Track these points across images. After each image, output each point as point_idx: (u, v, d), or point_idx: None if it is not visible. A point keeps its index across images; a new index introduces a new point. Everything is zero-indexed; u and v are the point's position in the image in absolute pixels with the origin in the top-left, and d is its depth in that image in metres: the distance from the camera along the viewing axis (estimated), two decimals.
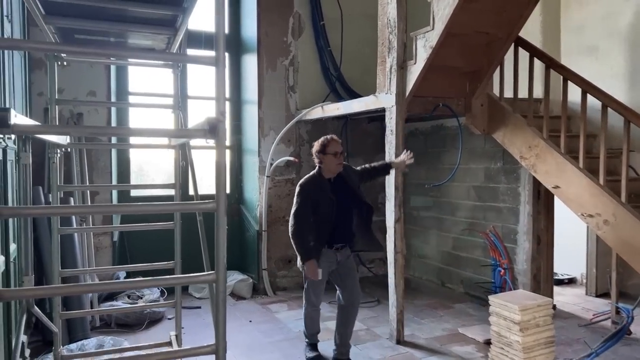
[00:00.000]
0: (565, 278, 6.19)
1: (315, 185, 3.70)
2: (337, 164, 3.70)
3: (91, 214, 3.19)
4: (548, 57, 4.21)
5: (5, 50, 3.13)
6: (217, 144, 1.73)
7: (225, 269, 1.78)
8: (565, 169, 3.90)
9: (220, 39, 1.72)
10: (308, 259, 3.60)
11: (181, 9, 2.16)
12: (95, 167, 5.32)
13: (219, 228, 1.75)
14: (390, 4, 4.23)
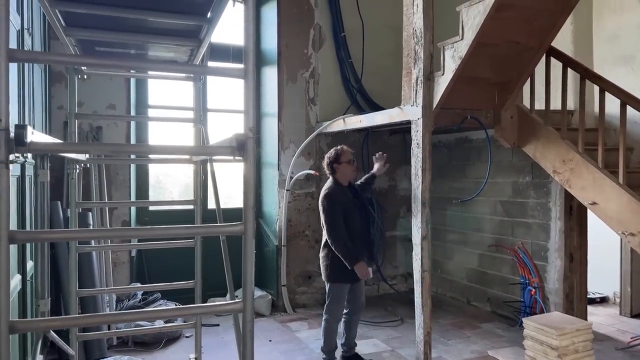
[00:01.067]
0: (597, 297, 5.93)
1: (339, 192, 3.94)
2: (353, 170, 4.07)
3: (109, 237, 3.08)
4: (583, 67, 4.03)
5: (25, 64, 3.06)
6: (245, 161, 1.60)
7: (253, 298, 1.64)
8: (603, 184, 3.69)
9: (249, 51, 1.59)
10: (357, 260, 3.77)
11: (206, 19, 2.06)
12: (114, 181, 5.25)
13: (247, 253, 1.61)
14: (416, 14, 4.09)
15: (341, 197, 3.91)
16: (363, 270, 3.79)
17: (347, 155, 4.03)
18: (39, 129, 3.94)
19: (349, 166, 4.01)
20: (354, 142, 6.22)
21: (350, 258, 3.78)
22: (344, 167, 4.00)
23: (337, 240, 3.80)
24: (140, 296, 5.05)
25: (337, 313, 4.01)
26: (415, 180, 4.15)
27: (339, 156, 4.01)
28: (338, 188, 3.97)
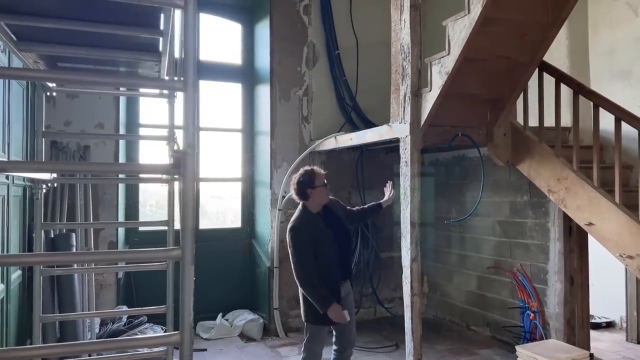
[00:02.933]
0: (603, 322, 5.67)
1: (308, 224, 3.41)
2: (327, 195, 3.54)
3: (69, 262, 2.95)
4: (576, 82, 3.89)
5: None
6: (183, 180, 1.48)
7: (191, 330, 1.49)
8: (599, 203, 3.51)
9: (189, 61, 1.49)
10: (329, 304, 3.29)
11: (159, 31, 1.96)
12: (101, 201, 5.16)
13: (185, 281, 1.48)
14: (403, 30, 4.00)
15: (310, 228, 3.40)
16: (336, 315, 3.30)
17: (321, 177, 3.49)
18: (18, 148, 3.86)
19: (324, 190, 3.47)
20: (348, 161, 6.10)
21: (321, 302, 3.29)
22: (319, 191, 3.45)
23: (304, 282, 3.34)
24: (126, 320, 4.91)
25: (316, 351, 3.54)
26: (404, 200, 4.01)
27: (312, 180, 3.44)
28: (307, 218, 3.44)
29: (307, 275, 3.32)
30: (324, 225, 3.45)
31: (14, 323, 3.65)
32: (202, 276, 5.84)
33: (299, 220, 3.44)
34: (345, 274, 3.52)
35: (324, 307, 3.29)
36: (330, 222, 3.51)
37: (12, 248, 3.59)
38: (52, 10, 1.95)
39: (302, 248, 3.35)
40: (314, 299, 3.31)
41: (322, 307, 3.29)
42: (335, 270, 3.42)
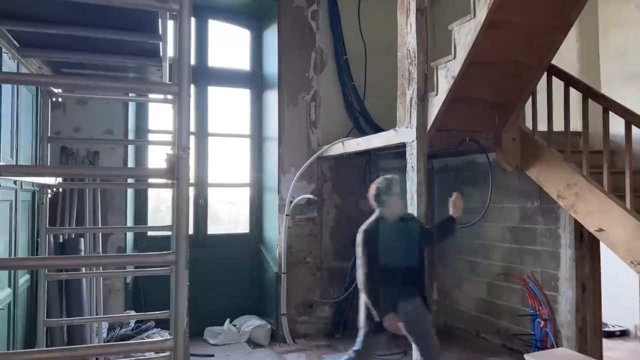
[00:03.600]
0: (617, 330, 5.55)
1: (380, 230, 3.40)
2: (403, 205, 3.53)
3: (63, 266, 2.94)
4: (585, 85, 3.83)
5: (2, 88, 3.03)
6: (177, 184, 1.47)
7: (184, 335, 1.48)
8: (609, 209, 3.44)
9: (183, 65, 1.49)
10: (387, 312, 3.27)
11: (158, 36, 1.97)
12: (110, 206, 5.19)
13: (178, 286, 1.47)
14: (409, 34, 3.99)
15: (381, 235, 3.38)
16: (393, 324, 3.27)
17: (397, 186, 3.48)
18: (27, 153, 3.91)
19: (399, 200, 3.48)
20: (356, 166, 6.08)
21: (380, 308, 3.28)
22: (394, 200, 3.45)
23: (365, 286, 3.34)
24: (133, 324, 4.92)
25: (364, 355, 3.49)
26: (411, 206, 3.98)
27: (390, 187, 3.44)
28: (380, 224, 3.43)
29: (369, 279, 3.32)
30: (396, 236, 3.41)
31: (21, 328, 3.67)
32: (210, 281, 5.86)
33: (371, 224, 3.46)
34: (412, 290, 3.41)
35: (381, 313, 3.28)
36: (403, 235, 3.46)
37: (20, 252, 3.62)
38: (53, 16, 1.97)
39: (369, 253, 3.35)
40: (373, 305, 3.31)
41: (380, 313, 3.29)
42: (400, 284, 3.34)
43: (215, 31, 6.26)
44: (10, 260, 2.23)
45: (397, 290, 3.32)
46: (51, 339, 4.15)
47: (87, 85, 2.01)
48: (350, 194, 6.07)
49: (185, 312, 1.50)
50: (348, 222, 6.08)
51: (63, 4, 1.83)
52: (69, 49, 2.27)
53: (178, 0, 1.49)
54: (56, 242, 4.46)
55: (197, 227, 6.03)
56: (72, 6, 1.87)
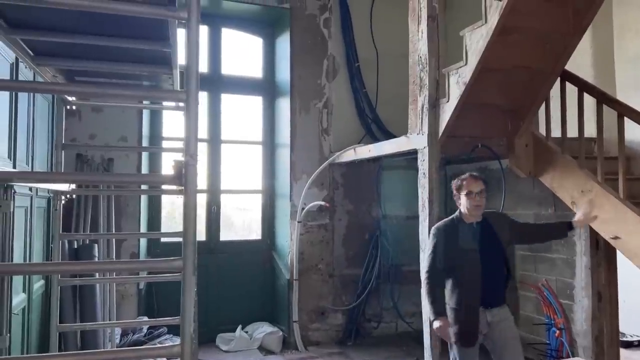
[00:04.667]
0: (635, 340, 5.43)
1: (453, 229, 3.19)
2: (475, 206, 3.13)
3: (69, 271, 2.93)
4: (599, 91, 3.78)
5: (19, 96, 3.09)
6: (185, 191, 1.49)
7: (192, 341, 1.49)
8: (625, 217, 3.38)
9: (192, 72, 1.50)
10: (439, 315, 3.07)
11: (168, 44, 2.00)
12: (123, 213, 5.25)
13: (186, 292, 1.48)
14: (420, 40, 3.98)
15: (454, 235, 3.16)
16: (443, 330, 3.05)
17: (468, 184, 3.17)
18: (43, 161, 3.97)
19: (468, 200, 3.13)
20: (369, 173, 6.06)
21: (433, 309, 3.09)
22: (463, 199, 3.17)
23: (424, 283, 3.18)
24: (146, 330, 4.95)
25: None
26: (422, 212, 3.96)
27: (460, 185, 3.21)
28: (455, 223, 3.21)
29: (431, 277, 3.15)
30: (473, 238, 3.14)
31: (35, 333, 3.72)
32: (222, 288, 5.88)
33: (443, 222, 3.29)
34: (490, 300, 3.11)
35: (432, 315, 3.12)
36: (483, 238, 3.16)
37: (35, 258, 3.68)
38: (66, 25, 2.00)
39: (435, 249, 3.18)
40: (427, 304, 3.15)
41: (431, 315, 3.14)
42: (475, 293, 3.07)
43: (228, 39, 6.32)
44: (22, 266, 2.26)
45: (472, 302, 3.07)
46: (65, 344, 4.20)
47: (97, 93, 2.04)
48: (362, 201, 6.06)
49: (193, 318, 1.50)
50: (360, 229, 6.08)
51: (75, 13, 1.87)
52: (81, 58, 2.32)
53: (186, 9, 1.51)
54: (71, 247, 4.52)
55: (210, 234, 6.06)
56: (84, 15, 1.91)
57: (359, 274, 5.90)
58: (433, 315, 3.10)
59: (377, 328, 6.04)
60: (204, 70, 6.09)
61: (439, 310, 3.09)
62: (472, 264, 3.08)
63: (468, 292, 3.09)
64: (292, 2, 5.91)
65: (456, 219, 3.23)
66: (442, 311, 3.10)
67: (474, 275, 3.07)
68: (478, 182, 3.19)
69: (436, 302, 3.10)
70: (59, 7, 1.71)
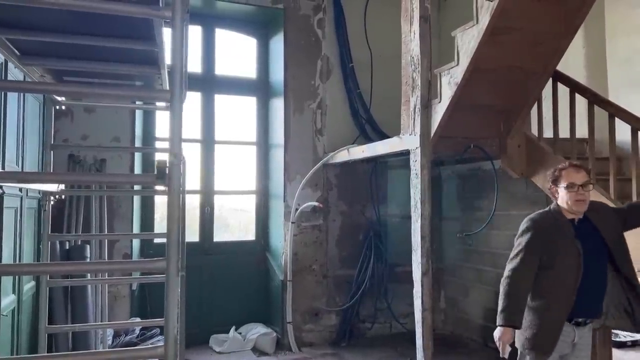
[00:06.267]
0: (628, 340, 5.42)
1: (550, 224, 2.70)
2: (577, 201, 2.65)
3: (56, 272, 2.90)
4: (591, 92, 3.79)
5: (8, 96, 3.08)
6: (169, 191, 1.48)
7: (175, 342, 1.48)
8: None
9: (176, 72, 1.49)
10: (509, 323, 2.60)
11: (155, 44, 1.98)
12: (116, 214, 5.23)
13: (169, 293, 1.47)
14: (413, 41, 3.98)
15: (550, 230, 2.68)
16: (501, 337, 2.60)
17: (569, 175, 2.69)
18: (34, 161, 3.95)
19: (568, 193, 2.66)
20: (363, 173, 6.06)
21: (505, 312, 2.61)
22: (563, 193, 2.70)
23: (507, 282, 2.65)
24: (139, 332, 4.93)
25: None
26: (415, 213, 3.96)
27: (557, 176, 2.76)
28: (553, 217, 2.73)
29: (515, 277, 2.65)
30: (573, 236, 2.67)
31: (25, 334, 3.69)
32: (216, 289, 5.87)
33: (539, 214, 2.79)
34: (585, 311, 2.68)
35: (502, 319, 2.62)
36: (586, 237, 2.69)
37: (25, 259, 3.66)
38: (53, 25, 1.99)
39: (527, 245, 2.67)
40: (501, 306, 2.65)
41: (501, 318, 2.63)
42: (567, 302, 2.62)
43: (222, 40, 6.31)
44: (10, 266, 2.25)
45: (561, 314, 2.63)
46: (56, 346, 4.17)
47: (83, 93, 2.03)
48: (356, 202, 6.05)
49: (177, 319, 1.49)
50: (354, 230, 6.07)
51: (60, 12, 1.86)
52: (69, 57, 2.30)
53: (171, 8, 1.50)
54: (62, 248, 4.50)
55: (203, 235, 6.04)
56: (70, 15, 1.89)
57: (353, 275, 5.89)
58: (501, 321, 2.60)
59: (371, 329, 6.03)
60: (198, 71, 6.08)
61: (510, 318, 2.60)
62: (571, 268, 2.62)
63: (559, 300, 2.63)
64: (286, 2, 5.90)
65: (554, 212, 2.75)
66: (514, 321, 2.61)
67: (570, 282, 2.61)
68: (581, 173, 2.71)
69: (512, 309, 2.62)
70: (42, 6, 1.70)
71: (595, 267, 2.65)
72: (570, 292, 2.61)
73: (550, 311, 2.64)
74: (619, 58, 4.54)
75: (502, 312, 2.62)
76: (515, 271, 2.65)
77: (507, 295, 2.64)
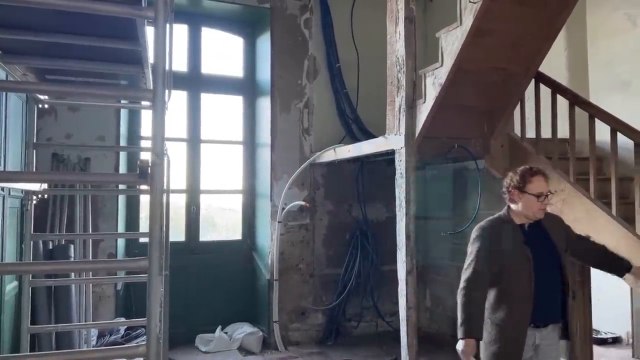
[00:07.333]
0: (609, 337, 5.53)
1: (501, 231, 2.69)
2: (540, 209, 2.67)
3: (38, 272, 2.87)
4: (572, 93, 3.86)
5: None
6: (151, 190, 1.48)
7: (158, 342, 1.48)
8: (596, 216, 3.46)
9: (158, 71, 1.49)
10: (469, 335, 2.54)
11: (138, 43, 1.98)
12: (101, 213, 5.19)
13: (151, 292, 1.47)
14: (398, 42, 4.02)
15: (503, 238, 2.66)
16: (464, 350, 2.53)
17: (538, 184, 2.66)
18: (17, 160, 3.91)
19: (536, 202, 2.64)
20: (349, 173, 6.09)
21: (465, 325, 2.56)
22: (528, 200, 2.65)
23: (463, 294, 2.62)
24: (124, 332, 4.90)
25: None
26: (399, 212, 3.99)
27: (524, 182, 2.67)
28: (503, 224, 2.72)
29: (470, 288, 2.62)
30: (526, 243, 2.65)
31: (8, 334, 3.66)
32: (202, 288, 5.86)
33: (489, 221, 2.76)
34: (542, 317, 2.64)
35: (461, 333, 2.57)
36: (538, 243, 2.68)
37: (8, 259, 3.62)
38: (35, 24, 1.98)
39: (479, 253, 2.65)
40: (460, 319, 2.60)
41: (460, 332, 2.58)
42: (525, 308, 2.58)
43: (208, 38, 6.29)
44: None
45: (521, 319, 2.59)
46: (39, 346, 4.14)
47: (64, 92, 2.02)
48: (342, 201, 6.08)
49: (158, 318, 1.50)
50: (340, 229, 6.10)
51: (44, 11, 1.85)
52: (52, 56, 2.29)
53: (153, 8, 1.51)
54: (45, 248, 4.46)
55: (189, 234, 6.02)
56: (53, 13, 1.89)
57: (340, 274, 5.91)
58: (462, 334, 2.55)
59: (357, 327, 6.07)
60: (184, 70, 6.05)
61: (470, 330, 2.55)
62: (524, 273, 2.59)
63: (517, 308, 2.59)
64: (273, 2, 5.90)
65: (504, 219, 2.74)
66: (474, 332, 2.56)
67: (525, 287, 2.58)
68: (546, 181, 2.71)
69: (471, 320, 2.57)
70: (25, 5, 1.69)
71: (547, 271, 2.64)
72: (526, 298, 2.58)
73: (511, 321, 2.60)
74: (600, 61, 4.62)
75: (462, 325, 2.58)
76: (469, 281, 2.64)
77: (464, 307, 2.61)
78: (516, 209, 2.71)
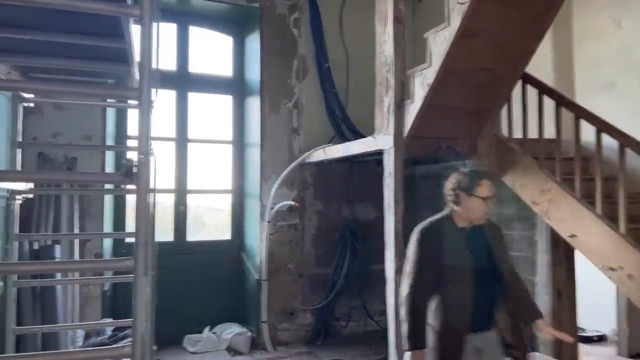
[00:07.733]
0: (595, 335, 5.60)
1: (442, 233, 2.63)
2: (485, 212, 2.61)
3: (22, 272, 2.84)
4: (558, 94, 3.90)
5: None
6: (137, 190, 1.47)
7: (143, 342, 1.48)
8: (581, 215, 3.49)
9: (144, 70, 1.49)
10: (414, 346, 2.49)
11: (123, 41, 1.97)
12: (88, 213, 5.14)
13: (137, 292, 1.46)
14: (387, 42, 4.03)
15: (442, 240, 2.61)
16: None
17: (485, 188, 2.59)
18: (1, 159, 3.86)
19: (482, 204, 2.57)
20: (339, 173, 6.09)
21: (409, 335, 2.51)
22: (475, 203, 2.57)
23: (407, 302, 2.55)
24: (110, 333, 4.86)
25: None
26: (388, 211, 4.01)
27: (473, 184, 2.59)
28: (445, 226, 2.65)
29: (413, 295, 2.55)
30: (466, 246, 2.61)
31: None
32: (190, 288, 5.82)
33: (430, 223, 2.68)
34: (480, 322, 2.58)
35: (407, 344, 2.53)
36: (478, 247, 2.63)
37: None
38: (19, 21, 1.96)
39: (420, 258, 2.59)
40: (404, 329, 2.55)
41: (405, 344, 2.54)
42: (464, 313, 2.53)
43: (197, 37, 6.26)
44: None
45: (459, 324, 2.54)
46: (24, 347, 4.09)
47: (49, 90, 2.00)
48: (332, 201, 6.09)
49: (144, 318, 1.49)
50: (330, 229, 6.10)
51: (28, 9, 1.83)
52: (37, 54, 2.27)
53: (139, 6, 1.50)
54: (31, 248, 4.41)
55: (177, 234, 5.99)
56: (38, 11, 1.87)
57: (329, 274, 5.92)
58: (408, 346, 2.51)
59: (346, 327, 6.07)
60: (172, 68, 6.02)
61: (417, 342, 2.51)
62: (463, 277, 2.54)
63: (456, 313, 2.55)
64: (262, 1, 5.89)
65: (445, 220, 2.68)
66: (420, 342, 2.52)
67: (464, 292, 2.53)
68: (493, 185, 2.65)
69: (416, 330, 2.52)
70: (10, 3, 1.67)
71: (486, 276, 2.57)
72: (465, 303, 2.53)
73: (449, 327, 2.55)
74: (586, 62, 4.67)
75: (409, 338, 2.52)
76: (412, 287, 2.57)
77: (409, 317, 2.54)
78: (459, 211, 2.63)
